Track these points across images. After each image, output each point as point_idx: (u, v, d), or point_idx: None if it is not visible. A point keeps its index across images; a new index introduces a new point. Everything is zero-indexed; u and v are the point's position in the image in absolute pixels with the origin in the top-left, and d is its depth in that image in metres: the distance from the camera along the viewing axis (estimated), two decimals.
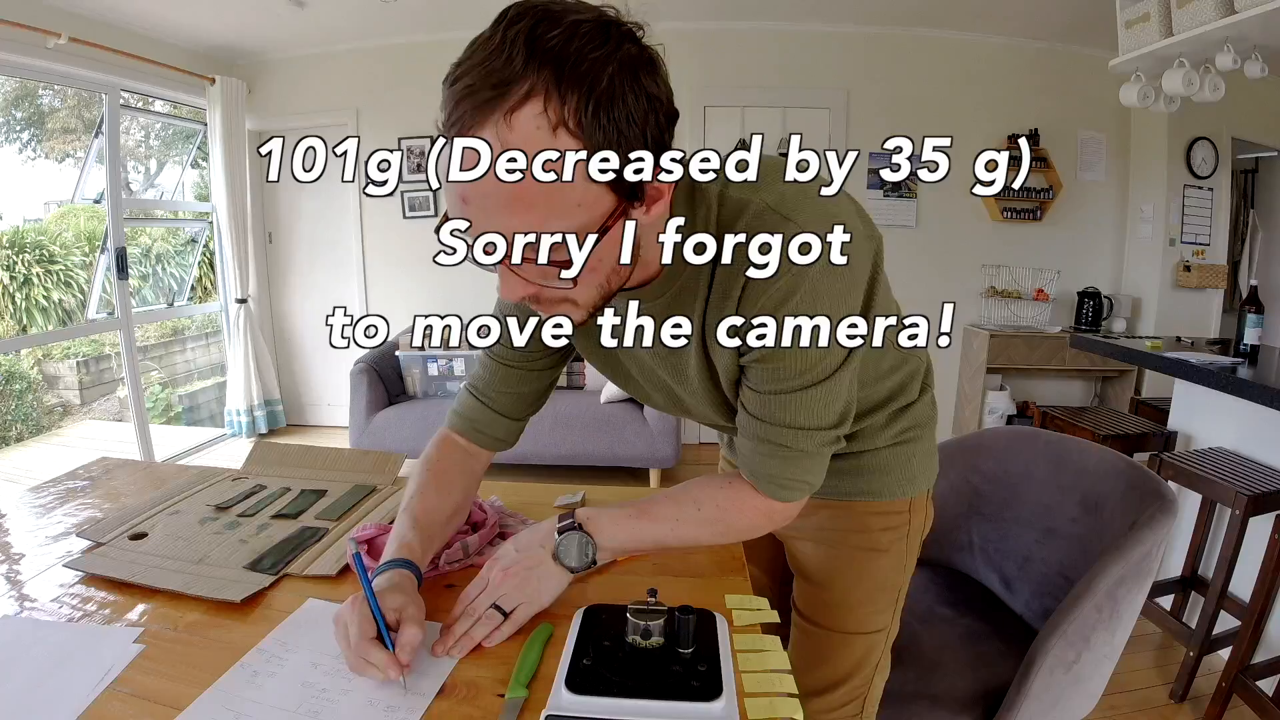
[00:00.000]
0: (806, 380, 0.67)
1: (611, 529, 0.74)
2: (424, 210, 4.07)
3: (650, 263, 0.67)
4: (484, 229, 0.54)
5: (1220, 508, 1.96)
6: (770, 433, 0.70)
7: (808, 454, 0.71)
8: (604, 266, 0.60)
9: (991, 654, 1.14)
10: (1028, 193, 3.85)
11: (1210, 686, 1.75)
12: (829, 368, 0.67)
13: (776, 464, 0.72)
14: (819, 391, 0.68)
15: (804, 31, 3.75)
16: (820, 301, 0.63)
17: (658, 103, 0.55)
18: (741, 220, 0.64)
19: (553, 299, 0.62)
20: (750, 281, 0.64)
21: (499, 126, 0.50)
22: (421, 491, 0.82)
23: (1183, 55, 2.38)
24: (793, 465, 0.72)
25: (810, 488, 0.74)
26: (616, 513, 0.76)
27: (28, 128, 3.72)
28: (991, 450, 1.37)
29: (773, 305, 0.63)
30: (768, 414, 0.70)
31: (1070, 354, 3.67)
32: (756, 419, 0.71)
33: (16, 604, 0.77)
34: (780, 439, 0.70)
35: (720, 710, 0.59)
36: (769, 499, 0.75)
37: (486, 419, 0.88)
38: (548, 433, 3.25)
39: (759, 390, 0.70)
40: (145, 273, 4.41)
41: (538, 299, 0.62)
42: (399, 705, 0.61)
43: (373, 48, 3.95)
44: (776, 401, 0.69)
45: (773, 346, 0.65)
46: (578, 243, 0.55)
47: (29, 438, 4.17)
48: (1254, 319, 2.07)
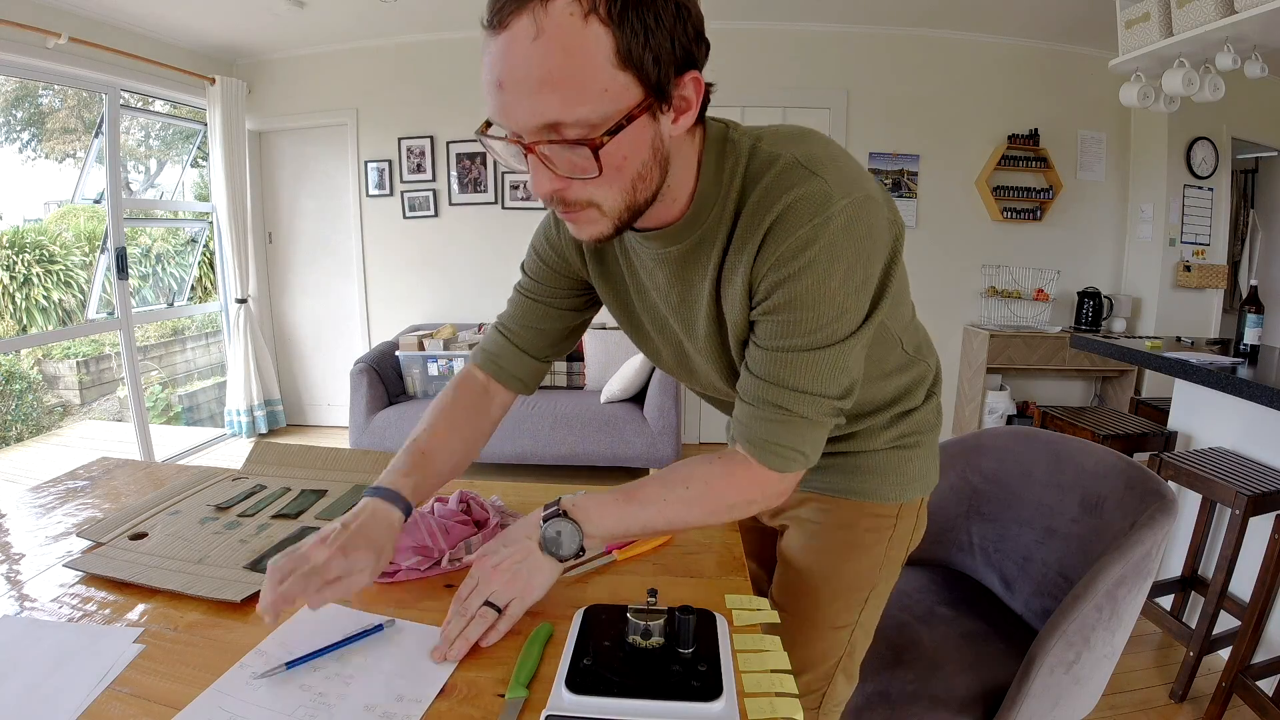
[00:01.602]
0: (816, 340, 0.67)
1: (598, 514, 0.72)
2: (424, 210, 4.08)
3: (676, 198, 0.69)
4: (517, 115, 0.57)
5: (1220, 508, 1.96)
6: (773, 394, 0.69)
7: (808, 421, 0.70)
8: (630, 167, 0.61)
9: (991, 654, 1.14)
10: (1028, 193, 3.85)
11: (1210, 686, 1.75)
12: (840, 332, 0.67)
13: (775, 428, 0.70)
14: (827, 355, 0.67)
15: (804, 31, 3.75)
16: (837, 260, 0.63)
17: (687, 13, 0.59)
18: (770, 173, 0.66)
19: (580, 200, 0.63)
20: (771, 229, 0.65)
21: (536, 13, 0.54)
22: (430, 429, 0.84)
23: (1183, 55, 2.38)
24: (791, 431, 0.70)
25: (805, 461, 0.72)
26: (603, 498, 0.74)
27: (28, 128, 3.72)
28: (991, 450, 1.37)
29: (790, 253, 0.63)
30: (773, 374, 0.69)
31: (1070, 354, 3.67)
32: (760, 379, 0.70)
33: (16, 604, 0.77)
34: (782, 401, 0.69)
35: (720, 710, 0.59)
36: (762, 469, 0.72)
37: (509, 354, 0.91)
38: (548, 433, 3.25)
39: (767, 347, 0.69)
40: (145, 273, 4.42)
41: (565, 199, 0.63)
42: (396, 711, 0.61)
43: (373, 48, 3.95)
44: (784, 360, 0.68)
45: (785, 299, 0.65)
46: (604, 131, 0.57)
47: (29, 438, 4.17)
48: (1254, 319, 2.07)
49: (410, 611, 0.76)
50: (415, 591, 0.81)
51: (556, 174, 0.60)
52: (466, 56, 3.89)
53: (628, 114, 0.57)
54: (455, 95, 3.92)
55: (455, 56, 3.89)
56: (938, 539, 1.40)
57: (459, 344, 3.51)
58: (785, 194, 0.64)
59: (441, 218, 4.09)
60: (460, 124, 3.95)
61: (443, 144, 3.98)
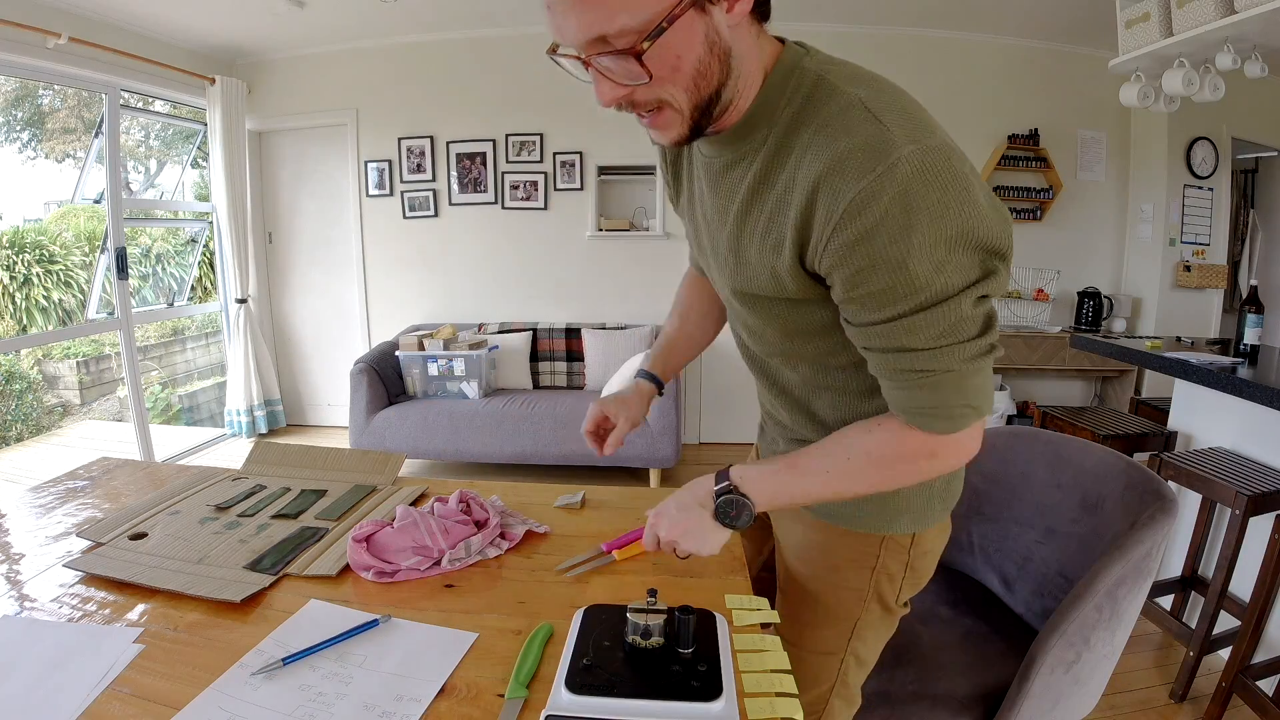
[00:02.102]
0: (919, 301, 0.59)
1: (764, 488, 0.74)
2: (424, 210, 4.08)
3: (744, 91, 0.66)
4: (566, 32, 0.58)
5: (1220, 508, 1.96)
6: (903, 361, 0.63)
7: (957, 373, 0.62)
8: (686, 66, 0.60)
9: (991, 654, 1.14)
10: (1028, 193, 3.85)
11: (1210, 686, 1.75)
12: (947, 288, 0.59)
13: (923, 395, 0.64)
14: (942, 311, 0.60)
15: (804, 31, 3.74)
16: (915, 211, 0.56)
17: None
18: (829, 106, 0.61)
19: (650, 101, 0.62)
20: (823, 181, 0.59)
21: None
22: (671, 317, 1.09)
23: (1183, 55, 2.38)
24: (942, 391, 0.63)
25: (976, 412, 0.65)
26: (767, 469, 0.75)
27: (28, 128, 3.72)
28: (991, 450, 1.36)
29: (854, 211, 0.57)
30: (893, 343, 0.63)
31: (1070, 354, 3.67)
32: (883, 352, 0.64)
33: (16, 604, 0.77)
34: (916, 364, 0.63)
35: (720, 710, 0.59)
36: (929, 434, 0.66)
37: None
38: (548, 433, 3.25)
39: (873, 321, 0.63)
40: (145, 273, 4.42)
41: (634, 103, 0.63)
42: (396, 710, 0.61)
43: (373, 48, 3.95)
44: (895, 330, 0.62)
45: (863, 264, 0.59)
46: (645, 36, 0.56)
47: (29, 438, 4.17)
48: (1254, 319, 2.07)
49: (410, 611, 0.76)
50: (415, 591, 0.81)
51: (617, 83, 0.61)
52: (466, 56, 3.89)
53: (668, 15, 0.56)
54: (455, 95, 3.92)
55: (455, 56, 3.89)
56: None
57: (459, 344, 3.51)
58: (839, 139, 0.59)
59: (441, 218, 4.09)
60: (460, 124, 3.95)
61: (443, 144, 3.98)
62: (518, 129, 3.93)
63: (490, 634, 0.72)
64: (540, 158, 3.94)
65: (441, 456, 3.34)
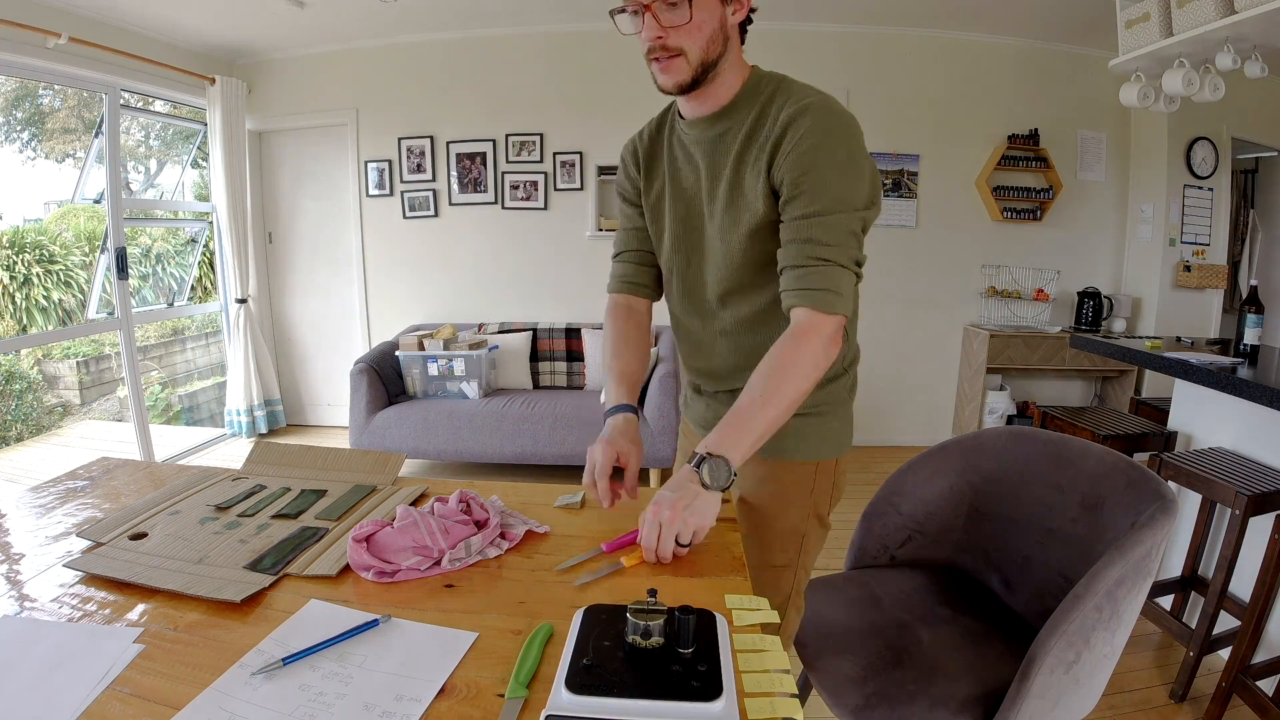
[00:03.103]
0: (835, 205, 0.92)
1: (731, 444, 0.87)
2: (424, 210, 4.08)
3: (725, 82, 0.99)
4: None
5: (1220, 508, 1.96)
6: (810, 250, 0.92)
7: (841, 267, 0.93)
8: (706, 29, 0.92)
9: (991, 654, 1.14)
10: (1028, 193, 3.85)
11: (1210, 686, 1.75)
12: (851, 202, 0.93)
13: (818, 276, 0.92)
14: (845, 219, 0.93)
15: (804, 31, 3.75)
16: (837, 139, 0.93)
17: None
18: (793, 88, 0.99)
19: (674, 47, 0.92)
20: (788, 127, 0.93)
21: None
22: (615, 354, 1.15)
23: (1183, 55, 2.38)
24: (830, 276, 0.92)
25: (844, 303, 0.93)
26: (724, 430, 0.89)
27: (28, 128, 3.72)
28: (991, 450, 1.36)
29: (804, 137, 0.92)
30: (806, 236, 0.92)
31: (1070, 354, 3.67)
32: (797, 243, 0.93)
33: (16, 604, 0.77)
34: (818, 253, 0.92)
35: (720, 710, 0.58)
36: (815, 318, 0.92)
37: (632, 271, 1.20)
38: (548, 433, 3.25)
39: (798, 216, 0.93)
40: (145, 273, 4.42)
41: (665, 45, 0.93)
42: (396, 710, 0.61)
43: (373, 48, 3.95)
44: (813, 224, 0.92)
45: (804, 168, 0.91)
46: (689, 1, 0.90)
47: (29, 438, 4.17)
48: (1254, 319, 2.07)
49: (410, 611, 0.76)
50: (415, 591, 0.81)
51: (662, 25, 0.91)
52: (466, 56, 3.89)
53: None
54: (455, 95, 3.92)
55: (455, 56, 3.89)
56: (938, 539, 1.40)
57: (459, 344, 3.51)
58: (801, 99, 0.95)
59: (441, 218, 4.09)
60: (460, 124, 3.95)
61: (443, 144, 3.98)
62: (518, 129, 3.93)
63: (490, 634, 0.72)
64: (540, 158, 3.94)
65: (441, 456, 3.34)
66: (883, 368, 4.02)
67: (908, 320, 3.99)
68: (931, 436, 3.98)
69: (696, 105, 1.01)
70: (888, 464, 1.66)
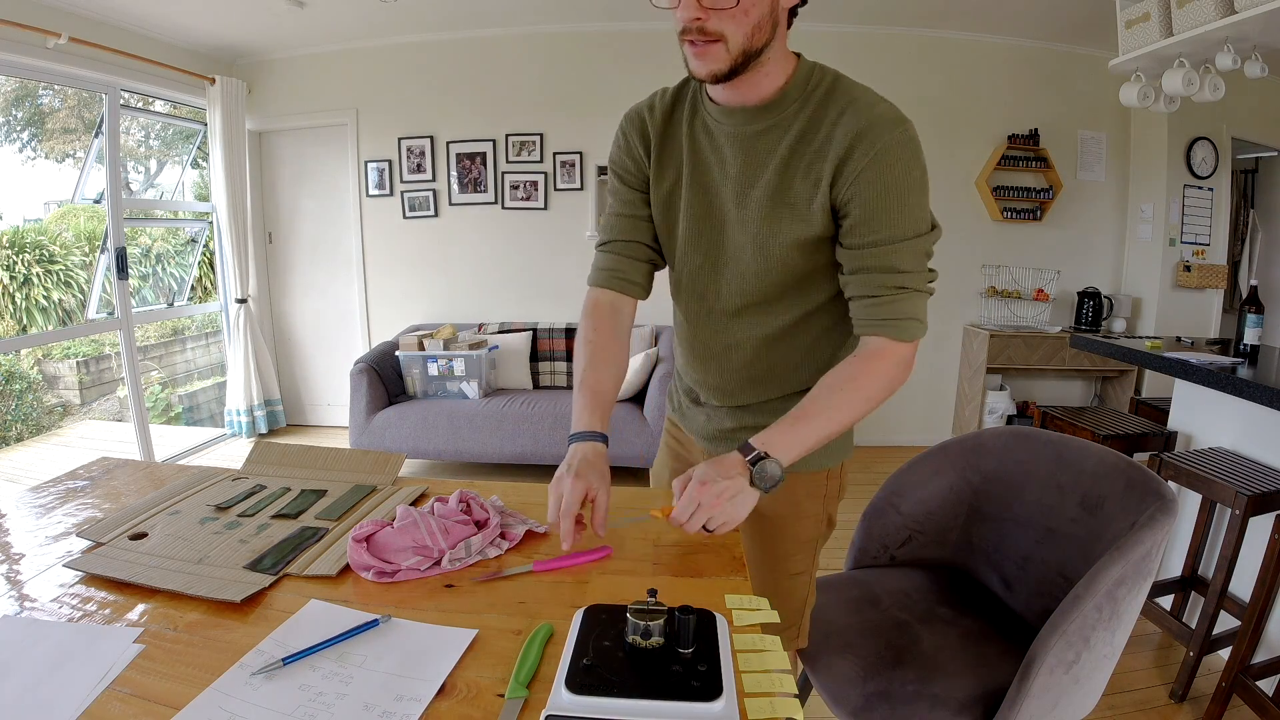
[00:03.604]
0: (909, 230, 0.86)
1: (785, 448, 0.85)
2: (424, 210, 4.08)
3: (769, 73, 0.88)
4: None
5: (1220, 508, 1.96)
6: (887, 279, 0.87)
7: (920, 293, 0.89)
8: (755, 13, 0.80)
9: (991, 654, 1.14)
10: (1028, 193, 3.85)
11: (1210, 686, 1.75)
12: (924, 224, 0.87)
13: (897, 306, 0.88)
14: (921, 243, 0.87)
15: (804, 31, 3.70)
16: (915, 160, 0.85)
17: None
18: (853, 91, 0.89)
19: (714, 32, 0.80)
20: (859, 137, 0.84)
21: None
22: (591, 367, 1.00)
23: (1183, 55, 2.38)
24: (909, 304, 0.88)
25: (922, 329, 0.90)
26: (783, 428, 0.87)
27: (28, 128, 3.72)
28: (991, 450, 1.36)
29: (880, 153, 0.83)
30: (882, 264, 0.87)
31: (1070, 354, 3.67)
32: (871, 271, 0.88)
33: (16, 604, 0.77)
34: (897, 282, 0.87)
35: (720, 710, 0.58)
36: (892, 346, 0.89)
37: (624, 264, 1.05)
38: (548, 433, 3.25)
39: (871, 242, 0.86)
40: (145, 273, 4.42)
41: (704, 29, 0.80)
42: (396, 710, 0.61)
43: (373, 48, 3.95)
44: (889, 251, 0.86)
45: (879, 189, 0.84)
46: None
47: (29, 438, 4.17)
48: (1254, 319, 2.07)
49: (410, 611, 0.76)
50: (415, 591, 0.81)
51: (702, 6, 0.79)
52: (466, 56, 3.89)
53: None
54: (455, 95, 3.92)
55: (455, 56, 3.89)
56: (938, 539, 1.40)
57: (459, 344, 3.51)
58: (869, 109, 0.85)
59: (441, 218, 4.09)
60: (460, 124, 3.95)
61: (443, 144, 3.98)
62: (518, 129, 3.93)
63: (490, 634, 0.72)
64: (540, 158, 3.94)
65: (441, 456, 3.34)
66: None
67: None
68: (931, 436, 3.98)
69: (733, 94, 0.90)
70: (888, 464, 1.66)
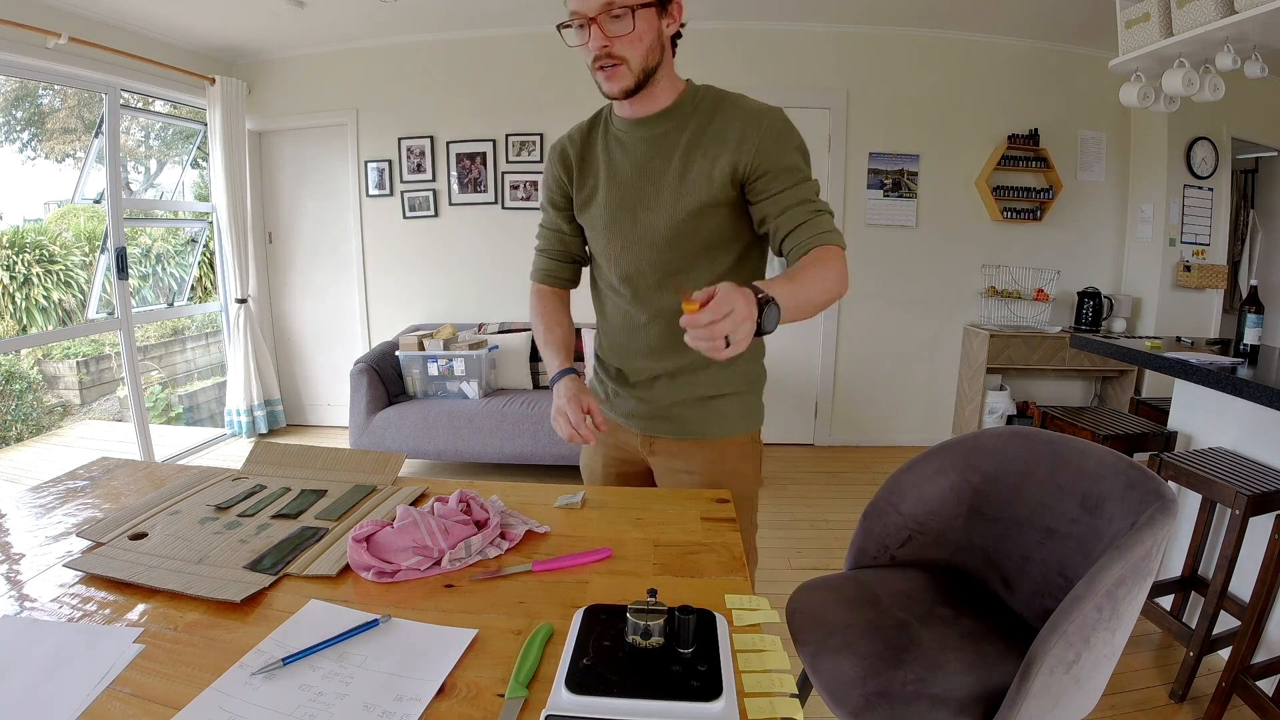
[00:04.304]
0: (808, 175, 1.10)
1: (783, 296, 0.92)
2: (424, 210, 4.08)
3: (663, 89, 1.12)
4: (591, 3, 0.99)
5: (1220, 508, 1.96)
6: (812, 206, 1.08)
7: (828, 212, 1.09)
8: (645, 40, 1.03)
9: (991, 654, 1.14)
10: (1028, 193, 3.85)
11: (1210, 686, 1.75)
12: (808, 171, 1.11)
13: (823, 219, 1.07)
14: (816, 185, 1.11)
15: (804, 31, 3.75)
16: (792, 132, 1.11)
17: None
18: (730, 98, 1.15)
19: (618, 56, 1.02)
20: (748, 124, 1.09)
21: None
22: (548, 328, 1.29)
23: (1183, 55, 2.38)
24: (829, 219, 1.08)
25: (842, 238, 1.09)
26: (779, 284, 0.94)
27: (28, 128, 3.72)
28: (991, 450, 1.36)
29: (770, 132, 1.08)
30: (802, 199, 1.07)
31: (1070, 354, 3.67)
32: (798, 206, 1.07)
33: (16, 604, 0.77)
34: (820, 207, 1.08)
35: (720, 710, 0.59)
36: (831, 248, 1.05)
37: (553, 266, 1.34)
38: (548, 433, 3.25)
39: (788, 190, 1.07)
40: (145, 273, 4.42)
41: (610, 54, 1.02)
42: (396, 710, 0.61)
43: (373, 48, 3.95)
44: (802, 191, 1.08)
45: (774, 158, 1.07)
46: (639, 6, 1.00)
47: (29, 438, 4.17)
48: (1254, 319, 2.07)
49: (410, 611, 0.76)
50: (415, 591, 0.81)
51: (607, 36, 1.01)
52: (466, 56, 3.89)
53: (645, 2, 1.01)
54: (455, 95, 3.92)
55: (455, 56, 3.89)
56: (938, 539, 1.40)
57: (459, 344, 3.51)
58: (744, 106, 1.12)
59: (441, 218, 4.09)
60: (460, 124, 3.95)
61: (443, 144, 3.98)
62: (518, 129, 3.93)
63: (490, 634, 0.72)
64: (540, 158, 3.94)
65: (441, 456, 3.34)
66: (883, 368, 4.02)
67: (908, 320, 3.99)
68: (931, 436, 3.98)
69: (638, 107, 1.13)
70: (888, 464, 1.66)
